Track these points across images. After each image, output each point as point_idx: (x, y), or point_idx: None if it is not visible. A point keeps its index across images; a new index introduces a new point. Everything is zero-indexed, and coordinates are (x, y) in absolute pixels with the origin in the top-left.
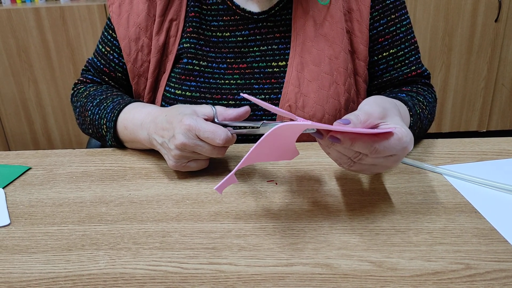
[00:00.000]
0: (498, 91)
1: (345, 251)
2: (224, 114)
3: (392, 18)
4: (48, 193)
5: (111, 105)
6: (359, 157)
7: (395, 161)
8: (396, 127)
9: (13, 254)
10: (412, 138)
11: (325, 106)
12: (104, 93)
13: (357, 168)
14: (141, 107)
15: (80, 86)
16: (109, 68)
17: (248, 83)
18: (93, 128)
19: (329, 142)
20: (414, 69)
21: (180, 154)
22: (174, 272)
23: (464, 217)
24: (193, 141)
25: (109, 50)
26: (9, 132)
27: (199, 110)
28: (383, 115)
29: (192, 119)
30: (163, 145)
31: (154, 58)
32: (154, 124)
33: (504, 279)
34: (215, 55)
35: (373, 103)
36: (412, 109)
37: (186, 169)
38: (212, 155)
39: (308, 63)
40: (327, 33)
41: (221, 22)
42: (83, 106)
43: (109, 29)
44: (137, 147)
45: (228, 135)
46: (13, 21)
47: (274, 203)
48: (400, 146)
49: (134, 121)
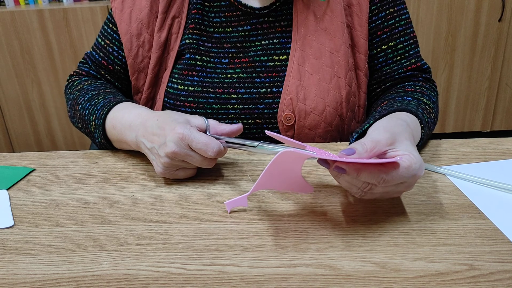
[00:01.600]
0: (502, 91)
1: (348, 252)
2: (216, 128)
3: (390, 12)
4: (51, 195)
5: (102, 102)
6: (369, 187)
7: (407, 187)
8: (404, 154)
9: (17, 256)
10: (422, 165)
11: (326, 99)
12: (97, 89)
13: (369, 197)
14: (131, 108)
15: (75, 78)
16: (108, 61)
17: (250, 77)
18: (83, 123)
19: (336, 172)
20: (413, 62)
21: (169, 162)
22: (177, 273)
23: (467, 218)
24: (184, 150)
25: (108, 43)
26: (13, 134)
27: (192, 120)
28: (392, 140)
29: (185, 128)
30: (151, 151)
31: (155, 55)
32: (144, 127)
33: (508, 280)
34: (217, 50)
35: (381, 129)
36: (423, 120)
37: (173, 177)
38: (202, 166)
39: (309, 56)
40: (328, 27)
41: (223, 18)
42: (75, 99)
43: (109, 23)
44: (124, 148)
45: (221, 147)
46: (17, 22)
47: (277, 204)
48: (409, 174)
49: (122, 121)
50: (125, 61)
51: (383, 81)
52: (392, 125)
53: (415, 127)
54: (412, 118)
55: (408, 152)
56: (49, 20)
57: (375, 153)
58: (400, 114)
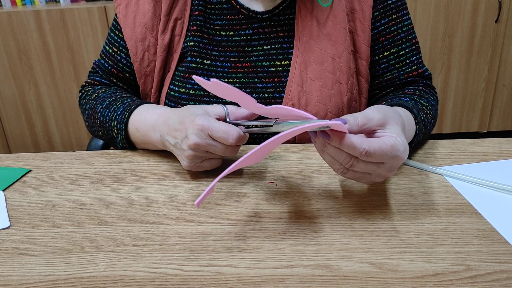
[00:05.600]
0: (499, 91)
1: (346, 252)
2: (235, 113)
3: (393, 18)
4: (48, 196)
5: (121, 107)
6: (350, 162)
7: (388, 170)
8: (392, 135)
9: (13, 257)
10: (406, 149)
11: (328, 104)
12: (113, 95)
13: (351, 175)
14: (153, 109)
15: (88, 88)
16: (117, 68)
17: (251, 81)
18: (103, 130)
19: (322, 143)
20: (415, 69)
21: (193, 154)
22: (174, 274)
23: (465, 218)
24: (206, 141)
25: (116, 51)
26: (10, 135)
27: (210, 110)
28: (384, 122)
29: (204, 119)
30: (176, 146)
31: (160, 57)
32: (167, 125)
33: (505, 280)
34: (218, 53)
35: (375, 109)
36: (418, 116)
37: (199, 169)
38: (225, 155)
39: (311, 62)
40: (330, 32)
41: (225, 21)
42: (92, 108)
43: (115, 29)
44: (150, 148)
45: (241, 133)
46: (14, 23)
47: (274, 204)
48: (392, 154)
49: (145, 123)
50: (133, 67)
51: (384, 87)
52: (386, 109)
53: (408, 121)
54: (406, 113)
55: (396, 134)
56: (46, 21)
57: (365, 129)
58: (395, 107)
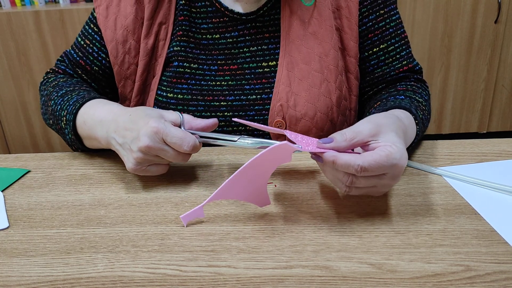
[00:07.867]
0: (498, 92)
1: (345, 253)
2: (191, 123)
3: (381, 14)
4: (47, 196)
5: (75, 97)
6: (350, 180)
7: (392, 178)
8: (386, 144)
9: (12, 257)
10: (404, 155)
11: (316, 104)
12: (72, 86)
13: (356, 192)
14: (104, 104)
15: (51, 75)
16: (86, 61)
17: (239, 84)
18: (54, 119)
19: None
20: (405, 64)
21: (142, 157)
22: (173, 275)
23: (464, 218)
24: (158, 145)
25: (88, 43)
26: (9, 136)
27: (166, 115)
28: (376, 131)
29: (160, 122)
30: (123, 146)
31: (143, 61)
32: (115, 123)
33: (504, 280)
34: (205, 57)
35: (365, 120)
36: (417, 116)
37: (144, 173)
38: (176, 161)
39: (298, 62)
40: (316, 31)
41: (210, 24)
42: (48, 95)
43: (91, 23)
44: (94, 145)
45: (196, 142)
46: (13, 24)
47: (273, 205)
48: (389, 163)
49: (94, 116)
50: (104, 62)
51: (375, 84)
52: (379, 117)
53: (409, 123)
54: (406, 114)
55: (390, 142)
56: (45, 22)
57: (355, 143)
58: (393, 111)
